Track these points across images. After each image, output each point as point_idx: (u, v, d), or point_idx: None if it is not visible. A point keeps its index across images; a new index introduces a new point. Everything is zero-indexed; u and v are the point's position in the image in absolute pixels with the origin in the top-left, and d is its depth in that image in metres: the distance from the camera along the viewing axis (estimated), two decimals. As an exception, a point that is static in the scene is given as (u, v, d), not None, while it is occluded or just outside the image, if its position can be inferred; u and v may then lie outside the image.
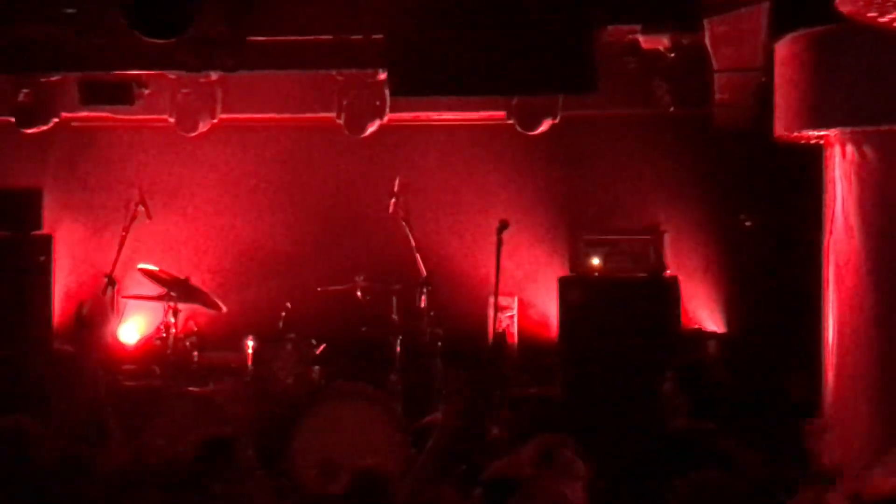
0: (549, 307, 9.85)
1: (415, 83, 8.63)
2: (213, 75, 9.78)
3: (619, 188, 10.09)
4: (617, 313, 8.98)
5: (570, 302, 9.19)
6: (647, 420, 6.87)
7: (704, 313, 9.90)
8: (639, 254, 9.20)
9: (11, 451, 5.41)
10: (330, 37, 9.14)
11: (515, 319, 10.04)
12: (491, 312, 9.42)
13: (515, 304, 10.07)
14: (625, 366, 8.74)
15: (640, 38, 8.81)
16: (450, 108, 10.00)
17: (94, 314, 9.05)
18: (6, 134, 10.23)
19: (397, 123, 9.99)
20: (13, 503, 5.11)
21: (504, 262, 8.74)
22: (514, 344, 9.97)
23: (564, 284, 9.30)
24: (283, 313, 9.32)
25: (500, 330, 9.57)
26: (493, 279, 8.72)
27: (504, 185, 10.26)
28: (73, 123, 10.41)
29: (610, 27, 8.74)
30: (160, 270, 9.43)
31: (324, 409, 8.57)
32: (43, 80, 9.81)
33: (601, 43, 8.77)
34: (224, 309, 9.46)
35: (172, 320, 9.19)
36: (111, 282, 9.43)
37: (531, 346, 9.91)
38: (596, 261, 9.34)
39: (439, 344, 9.31)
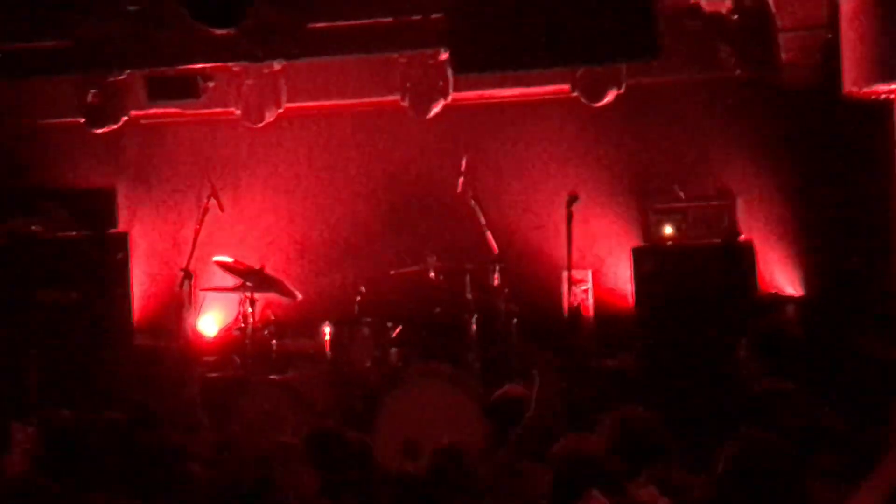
0: (623, 278, 9.81)
1: (477, 60, 8.60)
2: (277, 65, 9.82)
3: (688, 155, 9.98)
4: (692, 281, 8.93)
5: (644, 272, 9.14)
6: (725, 387, 6.82)
7: (781, 277, 9.77)
8: (711, 220, 9.14)
9: (114, 443, 5.52)
10: (390, 19, 9.14)
11: (590, 292, 10.00)
12: (565, 287, 9.40)
13: (589, 277, 10.03)
14: (702, 334, 8.68)
15: (702, 1, 8.70)
16: (514, 84, 9.96)
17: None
18: (77, 135, 10.39)
19: (462, 103, 9.97)
20: (118, 492, 5.20)
21: (575, 235, 8.69)
22: (590, 317, 9.93)
23: (638, 255, 9.26)
24: (358, 297, 9.38)
25: (575, 304, 9.54)
26: (565, 253, 8.68)
27: (572, 159, 10.22)
28: (142, 121, 10.55)
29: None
30: (235, 261, 9.53)
31: (403, 390, 8.60)
32: (110, 79, 9.91)
33: (662, 8, 8.68)
34: (300, 296, 9.54)
35: (250, 310, 9.29)
36: (188, 275, 9.53)
37: (607, 319, 9.87)
38: (668, 229, 9.28)
39: (515, 321, 9.30)
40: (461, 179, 9.51)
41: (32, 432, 6.85)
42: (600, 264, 10.10)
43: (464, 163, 9.56)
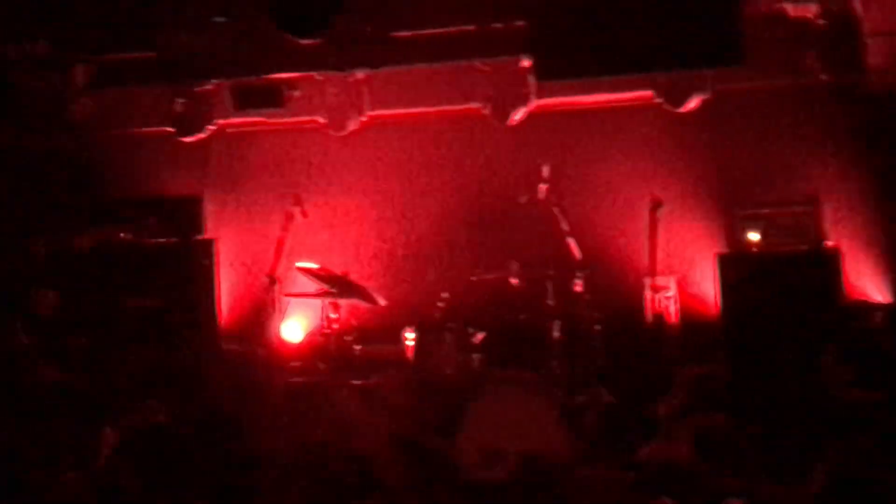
0: (707, 285, 9.72)
1: (560, 67, 8.62)
2: (360, 74, 9.92)
3: (773, 161, 9.86)
4: (777, 288, 8.81)
5: (729, 279, 9.05)
6: (811, 394, 6.74)
7: (869, 284, 9.62)
8: (797, 226, 9.03)
9: (201, 447, 5.61)
10: (472, 27, 9.18)
11: (674, 299, 9.91)
12: (648, 294, 9.36)
13: (673, 284, 9.95)
14: (788, 341, 8.57)
15: (788, 7, 8.63)
16: (596, 91, 9.94)
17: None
18: (166, 144, 10.56)
19: (543, 110, 9.97)
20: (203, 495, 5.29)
21: (659, 241, 8.66)
22: (674, 324, 9.85)
23: (723, 262, 9.18)
24: (441, 304, 9.42)
25: (659, 310, 9.48)
26: (648, 260, 8.64)
27: (655, 165, 10.16)
28: (228, 130, 10.69)
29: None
30: (319, 268, 9.62)
31: (485, 397, 8.59)
32: (197, 89, 10.06)
33: (748, 14, 8.62)
34: (383, 303, 9.60)
35: (333, 316, 9.38)
36: (272, 281, 9.65)
37: (691, 326, 9.78)
38: (754, 236, 9.19)
39: (597, 328, 9.25)
40: (543, 186, 9.49)
41: (121, 436, 7.00)
42: (684, 271, 10.02)
43: (545, 169, 9.53)
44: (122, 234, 10.12)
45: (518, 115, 9.88)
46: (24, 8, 8.97)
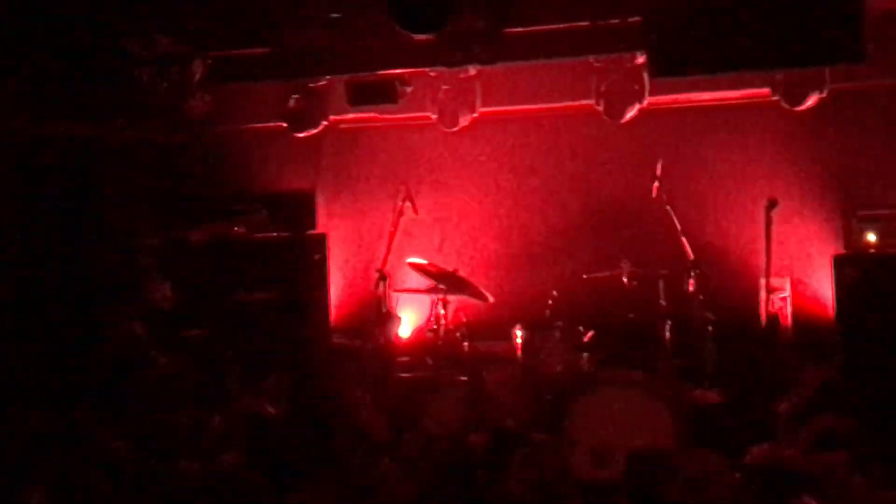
0: (823, 287, 9.55)
1: (676, 63, 8.49)
2: (472, 70, 9.90)
3: (892, 161, 9.64)
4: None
5: (846, 281, 8.86)
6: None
7: None
8: (918, 228, 8.80)
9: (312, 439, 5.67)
10: (587, 23, 9.10)
11: (789, 300, 9.74)
12: (763, 294, 9.21)
13: (788, 285, 9.78)
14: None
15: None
16: (711, 88, 9.81)
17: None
18: (280, 139, 10.68)
19: (657, 107, 9.87)
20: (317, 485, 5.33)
21: (774, 241, 8.50)
22: (788, 326, 9.68)
23: (839, 263, 8.99)
24: (550, 301, 9.38)
25: (773, 311, 9.32)
26: (763, 260, 8.50)
27: (771, 163, 10.01)
28: (341, 126, 10.78)
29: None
30: (428, 264, 9.65)
31: (594, 396, 8.54)
32: (311, 84, 10.15)
33: (869, 12, 8.42)
34: (491, 299, 9.58)
35: (442, 312, 9.40)
36: (382, 277, 9.70)
37: (806, 327, 9.61)
38: (872, 237, 8.99)
39: (710, 328, 9.12)
40: (656, 184, 9.41)
41: (234, 426, 7.10)
42: (800, 272, 9.84)
43: (659, 167, 9.45)
44: (235, 229, 10.26)
45: (631, 111, 9.76)
46: (145, 2, 9.13)
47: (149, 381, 8.44)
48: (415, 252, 10.05)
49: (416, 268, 9.66)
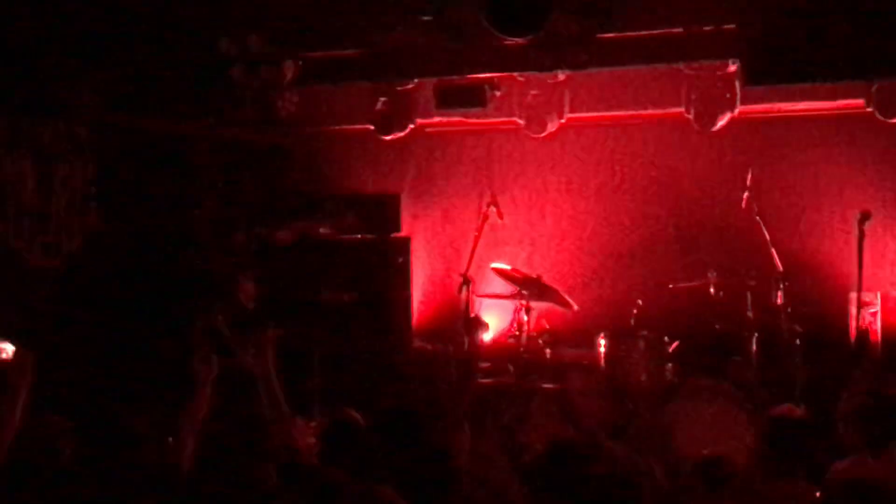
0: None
1: (769, 72, 8.40)
2: (561, 75, 9.85)
3: None
4: None
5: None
6: None
7: None
8: None
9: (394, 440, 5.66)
10: (680, 30, 9.01)
11: (879, 316, 9.54)
12: (853, 308, 9.04)
13: (879, 300, 9.58)
14: None
15: None
16: (803, 98, 9.67)
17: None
18: (367, 141, 10.71)
19: (748, 116, 9.74)
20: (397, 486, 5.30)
21: (866, 255, 8.34)
22: (878, 342, 9.48)
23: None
24: (635, 310, 9.29)
25: (863, 327, 9.13)
26: (854, 274, 8.34)
27: (864, 176, 9.83)
28: (427, 129, 10.78)
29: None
30: (512, 269, 9.61)
31: (679, 406, 8.45)
32: (399, 87, 10.16)
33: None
34: (575, 307, 9.50)
35: (525, 318, 9.34)
36: (466, 281, 9.67)
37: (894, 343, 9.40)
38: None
39: (797, 341, 8.95)
40: (746, 194, 9.26)
41: (317, 428, 7.10)
42: (892, 287, 9.64)
43: (749, 177, 9.30)
44: (321, 230, 10.31)
45: (722, 120, 9.64)
46: (238, 3, 9.22)
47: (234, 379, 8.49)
48: (499, 257, 10.01)
49: (500, 273, 9.62)
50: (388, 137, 10.44)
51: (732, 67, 9.26)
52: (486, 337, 10.30)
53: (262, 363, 6.41)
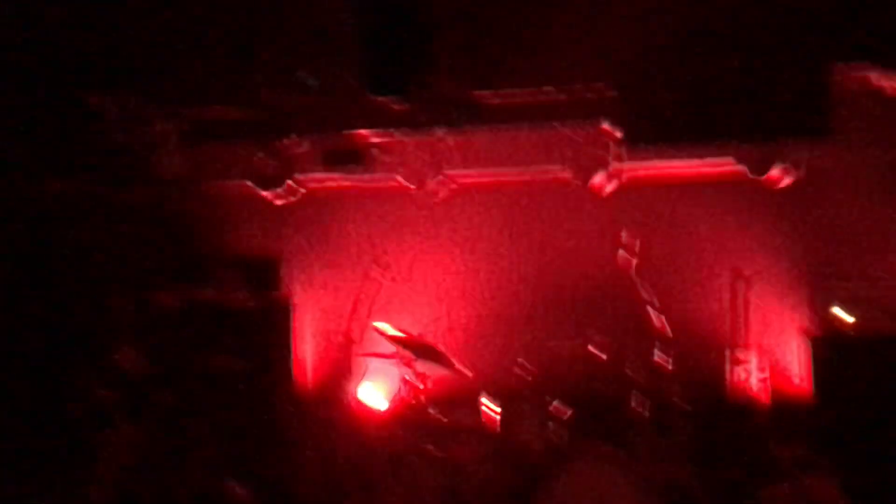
0: (796, 364, 9.56)
1: (644, 133, 8.56)
2: (442, 134, 9.88)
3: (867, 238, 9.69)
4: (871, 371, 8.62)
5: (820, 359, 8.92)
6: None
7: None
8: (892, 304, 8.86)
9: None
10: (555, 89, 9.14)
11: (757, 373, 9.69)
12: (729, 366, 9.24)
13: (755, 358, 9.74)
14: (881, 427, 8.38)
15: (885, 84, 8.52)
16: (677, 158, 9.81)
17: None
18: (252, 201, 10.47)
19: (632, 179, 9.88)
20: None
21: (746, 317, 8.53)
22: (759, 399, 9.60)
23: (815, 342, 9.04)
24: (518, 370, 9.28)
25: (742, 384, 9.33)
26: (730, 332, 8.50)
27: (739, 237, 10.00)
28: (311, 187, 10.64)
29: (845, 67, 8.52)
30: (398, 332, 9.53)
31: (568, 471, 8.47)
32: (280, 145, 10.06)
33: (840, 89, 8.52)
34: (462, 369, 9.45)
35: (413, 381, 9.26)
36: (349, 342, 9.58)
37: (778, 405, 9.53)
38: (842, 312, 9.04)
39: (680, 401, 9.07)
40: (620, 251, 9.37)
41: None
42: (771, 348, 9.84)
43: (624, 236, 9.43)
44: (203, 293, 10.09)
45: (599, 178, 9.77)
46: (111, 59, 9.05)
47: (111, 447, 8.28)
48: (385, 318, 9.91)
49: (384, 334, 9.54)
50: (267, 194, 10.29)
51: (608, 127, 9.40)
52: (374, 400, 10.11)
53: None
